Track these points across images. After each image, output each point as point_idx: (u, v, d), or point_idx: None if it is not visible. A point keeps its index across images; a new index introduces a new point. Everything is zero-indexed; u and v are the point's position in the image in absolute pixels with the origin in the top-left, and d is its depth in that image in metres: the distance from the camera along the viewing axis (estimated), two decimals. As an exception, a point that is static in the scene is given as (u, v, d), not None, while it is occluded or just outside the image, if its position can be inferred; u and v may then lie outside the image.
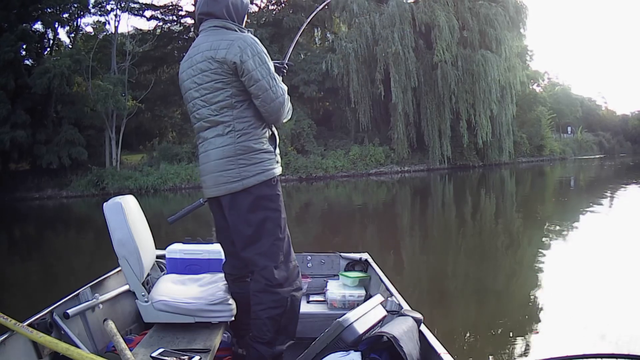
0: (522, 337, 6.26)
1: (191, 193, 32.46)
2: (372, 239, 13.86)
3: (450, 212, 19.89)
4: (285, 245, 3.52)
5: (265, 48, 3.42)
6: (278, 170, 3.52)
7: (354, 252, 5.34)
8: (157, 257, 4.56)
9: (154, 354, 3.18)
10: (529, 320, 6.84)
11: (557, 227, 14.57)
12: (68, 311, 3.63)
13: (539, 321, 6.77)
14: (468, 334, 6.56)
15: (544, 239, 12.82)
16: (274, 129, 3.59)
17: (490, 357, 5.84)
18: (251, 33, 3.55)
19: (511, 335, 6.38)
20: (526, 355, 5.66)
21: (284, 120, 3.53)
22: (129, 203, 3.79)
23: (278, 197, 3.50)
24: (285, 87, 3.47)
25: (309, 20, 5.07)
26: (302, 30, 4.85)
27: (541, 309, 7.31)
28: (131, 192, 31.19)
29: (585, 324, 6.44)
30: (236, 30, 3.46)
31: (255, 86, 3.30)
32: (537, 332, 6.33)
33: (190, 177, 35.11)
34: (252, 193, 3.38)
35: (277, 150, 3.58)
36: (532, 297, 7.97)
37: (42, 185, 34.60)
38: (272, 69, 3.39)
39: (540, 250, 11.56)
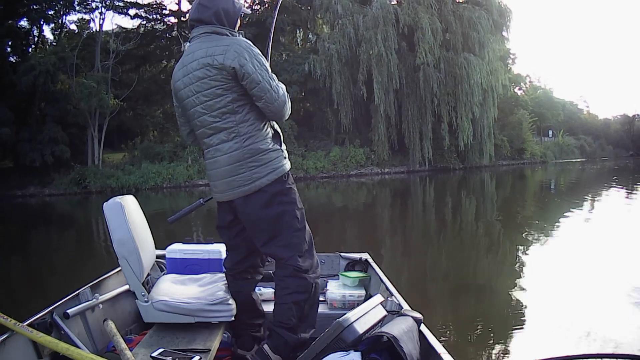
0: (523, 337, 6.33)
1: (172, 192, 32.41)
2: (359, 241, 13.87)
3: (433, 214, 19.96)
4: (307, 236, 3.62)
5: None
6: (287, 165, 3.58)
7: (353, 252, 5.36)
8: (157, 257, 4.56)
9: (154, 354, 3.20)
10: (530, 320, 6.92)
11: (549, 229, 14.69)
12: (68, 311, 3.62)
13: (540, 321, 6.84)
14: (467, 334, 6.60)
15: (531, 241, 12.91)
16: (276, 126, 3.64)
17: (490, 356, 5.89)
18: (242, 35, 3.56)
19: (511, 334, 6.45)
20: (526, 355, 5.72)
21: (286, 118, 3.56)
22: (129, 203, 3.80)
23: (291, 190, 3.57)
24: (283, 86, 3.51)
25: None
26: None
27: (541, 308, 7.37)
28: (113, 190, 31.31)
29: (585, 323, 6.54)
30: (228, 35, 3.47)
31: (257, 88, 3.33)
32: (538, 332, 6.39)
33: (172, 177, 35.18)
34: (266, 191, 3.45)
35: (284, 146, 3.63)
36: (531, 297, 8.03)
37: (25, 183, 34.22)
38: (269, 69, 3.42)
39: (530, 251, 11.69)
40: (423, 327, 3.29)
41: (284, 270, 3.54)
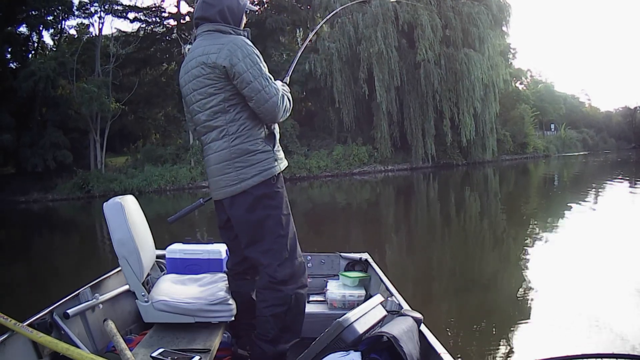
0: (523, 336, 6.33)
1: (175, 195, 32.39)
2: (362, 239, 13.85)
3: (437, 211, 19.91)
4: (290, 242, 3.52)
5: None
6: (278, 168, 3.51)
7: (353, 252, 5.35)
8: (157, 257, 4.56)
9: (154, 354, 3.19)
10: (531, 320, 6.92)
11: (552, 224, 14.65)
12: (68, 311, 3.63)
13: (540, 320, 6.83)
14: (468, 333, 6.59)
15: (534, 237, 12.91)
16: (274, 127, 3.59)
17: (490, 356, 5.87)
18: (247, 34, 3.54)
19: (512, 334, 6.45)
20: (526, 355, 5.70)
21: (282, 119, 3.51)
22: (129, 203, 3.79)
23: (277, 194, 3.50)
24: (278, 86, 3.45)
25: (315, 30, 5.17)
26: (305, 44, 4.93)
27: (542, 307, 7.37)
28: (116, 194, 31.05)
29: (587, 322, 6.51)
30: (231, 33, 3.45)
31: (247, 88, 3.30)
32: (539, 331, 6.37)
33: (175, 179, 35.14)
34: (251, 193, 3.41)
35: (277, 147, 3.57)
36: (532, 296, 8.02)
37: (28, 188, 34.16)
38: (265, 69, 3.37)
39: (532, 247, 11.68)
40: (423, 327, 3.29)
41: (261, 281, 3.53)
